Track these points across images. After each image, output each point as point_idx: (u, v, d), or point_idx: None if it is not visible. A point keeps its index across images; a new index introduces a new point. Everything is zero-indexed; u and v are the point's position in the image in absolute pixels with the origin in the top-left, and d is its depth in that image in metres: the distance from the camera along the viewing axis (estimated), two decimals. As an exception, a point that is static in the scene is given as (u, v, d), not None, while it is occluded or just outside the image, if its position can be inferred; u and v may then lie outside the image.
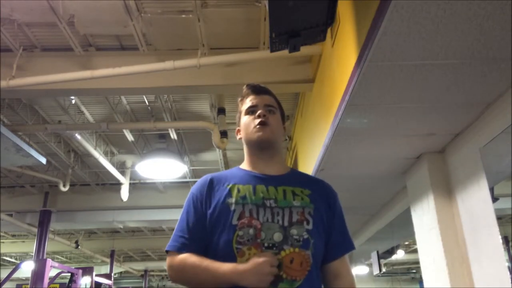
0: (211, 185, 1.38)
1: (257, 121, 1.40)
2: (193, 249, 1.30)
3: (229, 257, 1.24)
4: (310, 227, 1.29)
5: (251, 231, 1.25)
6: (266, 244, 1.23)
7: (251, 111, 1.44)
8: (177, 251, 1.31)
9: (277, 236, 1.25)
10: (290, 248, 1.24)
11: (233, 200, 1.31)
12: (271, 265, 1.18)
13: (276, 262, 1.19)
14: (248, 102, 1.46)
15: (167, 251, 1.35)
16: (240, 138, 1.49)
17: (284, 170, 1.45)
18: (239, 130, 1.51)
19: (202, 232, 1.32)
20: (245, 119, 1.45)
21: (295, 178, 1.44)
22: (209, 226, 1.31)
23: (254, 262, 1.18)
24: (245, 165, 1.47)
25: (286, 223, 1.27)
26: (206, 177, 1.42)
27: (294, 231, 1.26)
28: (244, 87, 1.51)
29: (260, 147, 1.42)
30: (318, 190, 1.41)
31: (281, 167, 1.45)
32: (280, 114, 1.49)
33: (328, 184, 1.49)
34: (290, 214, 1.29)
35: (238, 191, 1.33)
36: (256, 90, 1.48)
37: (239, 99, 1.52)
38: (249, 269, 1.17)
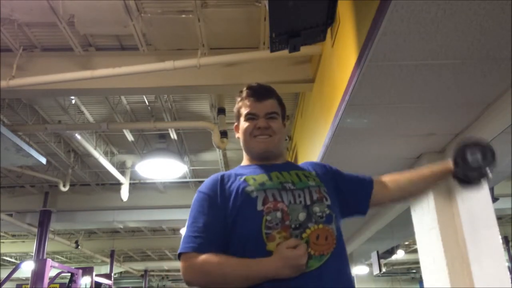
0: (222, 182, 1.35)
1: (258, 132, 1.40)
2: (212, 248, 1.25)
3: (258, 244, 1.21)
4: (329, 202, 1.32)
5: (278, 214, 1.24)
6: (293, 226, 1.23)
7: (250, 118, 1.42)
8: (196, 251, 1.24)
9: (302, 216, 1.25)
10: (314, 225, 1.24)
11: (252, 188, 1.30)
12: (305, 255, 1.17)
13: (305, 250, 1.19)
14: (248, 107, 1.43)
15: (179, 254, 1.27)
16: (239, 137, 1.49)
17: (282, 160, 1.49)
18: (237, 127, 1.49)
19: (219, 231, 1.28)
20: (244, 126, 1.43)
21: (296, 165, 1.51)
22: (231, 219, 1.27)
23: (288, 256, 1.16)
24: (247, 163, 1.47)
25: (308, 202, 1.28)
26: (216, 175, 1.40)
27: (316, 208, 1.28)
28: (245, 89, 1.47)
29: (261, 158, 1.43)
30: (317, 170, 1.46)
31: (283, 160, 1.49)
32: (281, 115, 1.47)
33: (319, 162, 1.55)
34: (310, 193, 1.31)
35: (254, 180, 1.33)
36: (257, 96, 1.44)
37: (239, 98, 1.48)
38: (283, 264, 1.16)
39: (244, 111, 1.44)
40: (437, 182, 1.52)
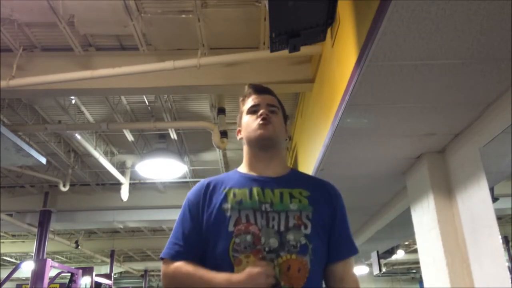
0: (207, 190, 1.34)
1: (259, 119, 1.38)
2: (188, 257, 1.27)
3: (226, 266, 1.20)
4: (308, 231, 1.24)
5: (248, 237, 1.21)
6: (267, 249, 1.20)
7: (253, 110, 1.41)
8: (172, 259, 1.28)
9: (273, 242, 1.20)
10: (287, 254, 1.20)
11: (228, 205, 1.27)
12: (267, 276, 1.13)
13: (272, 272, 1.15)
14: (250, 101, 1.44)
15: (161, 258, 1.31)
16: (241, 138, 1.46)
17: (283, 171, 1.40)
18: (239, 131, 1.48)
19: (197, 240, 1.28)
20: (246, 119, 1.42)
21: (295, 179, 1.39)
22: (205, 233, 1.27)
23: (249, 273, 1.13)
24: (243, 167, 1.43)
25: (282, 228, 1.23)
26: (203, 182, 1.39)
27: (291, 236, 1.22)
28: (246, 86, 1.50)
29: (261, 145, 1.38)
30: (319, 190, 1.37)
31: (281, 168, 1.41)
32: (282, 114, 1.46)
33: (332, 185, 1.44)
34: (287, 218, 1.24)
35: (234, 195, 1.29)
36: (258, 89, 1.47)
37: (241, 99, 1.49)
38: (244, 281, 1.13)
39: (246, 106, 1.45)
40: None
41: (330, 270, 1.33)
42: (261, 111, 1.39)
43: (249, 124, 1.41)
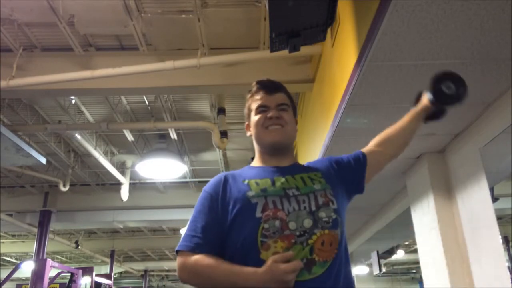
0: (226, 183, 1.34)
1: (269, 122, 1.38)
2: (208, 249, 1.25)
3: (252, 251, 1.20)
4: (335, 206, 1.29)
5: (277, 223, 1.21)
6: (298, 233, 1.21)
7: (262, 110, 1.41)
8: (191, 251, 1.25)
9: (307, 222, 1.23)
10: (320, 230, 1.23)
11: (253, 193, 1.28)
12: (293, 271, 1.14)
13: (298, 265, 1.15)
14: (258, 100, 1.43)
15: (177, 252, 1.29)
16: (250, 135, 1.47)
17: (291, 161, 1.45)
18: (248, 126, 1.48)
19: (217, 233, 1.27)
20: (256, 118, 1.41)
21: (303, 166, 1.46)
22: (229, 223, 1.26)
23: (274, 271, 1.13)
24: (256, 163, 1.45)
25: (313, 208, 1.26)
26: (221, 175, 1.38)
27: (322, 214, 1.25)
28: (254, 84, 1.47)
29: (274, 150, 1.41)
30: (323, 169, 1.44)
31: (291, 159, 1.46)
32: (292, 109, 1.47)
33: (321, 159, 1.54)
34: (315, 198, 1.28)
35: (257, 184, 1.31)
36: (268, 89, 1.44)
37: (249, 95, 1.47)
38: (270, 278, 1.13)
39: (254, 105, 1.43)
40: (420, 121, 1.60)
41: (371, 163, 1.49)
42: (270, 114, 1.38)
43: (259, 125, 1.41)
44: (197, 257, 1.24)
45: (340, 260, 1.26)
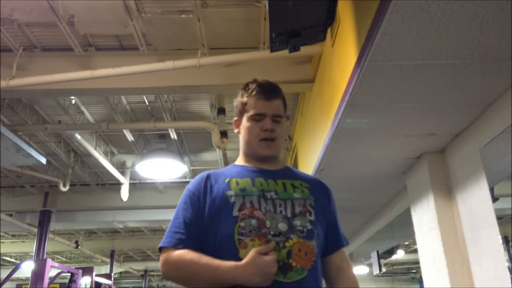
0: (208, 181, 1.35)
1: (263, 135, 1.36)
2: (190, 244, 1.26)
3: (231, 249, 1.21)
4: (312, 218, 1.29)
5: (253, 221, 1.22)
6: (272, 232, 1.22)
7: (257, 119, 1.38)
8: (174, 246, 1.27)
9: (282, 226, 1.23)
10: (296, 237, 1.23)
11: (232, 192, 1.29)
12: (274, 263, 1.15)
13: (276, 258, 1.16)
14: (255, 106, 1.39)
15: (160, 248, 1.31)
16: (238, 132, 1.47)
17: (280, 166, 1.44)
18: (237, 122, 1.47)
19: (199, 229, 1.28)
20: (249, 124, 1.39)
21: (292, 172, 1.45)
22: (207, 220, 1.28)
23: (259, 263, 1.14)
24: (240, 161, 1.46)
25: (289, 214, 1.26)
26: (203, 174, 1.40)
27: (297, 222, 1.26)
28: (254, 86, 1.42)
29: (262, 160, 1.41)
30: (316, 184, 1.43)
31: (278, 164, 1.45)
32: (284, 109, 1.45)
33: (322, 182, 1.49)
34: (293, 205, 1.28)
35: (237, 183, 1.32)
36: (267, 94, 1.40)
37: (246, 94, 1.43)
38: (252, 271, 1.14)
39: (250, 109, 1.40)
40: None
41: (328, 260, 1.37)
42: (266, 126, 1.36)
43: (251, 132, 1.39)
44: (179, 252, 1.25)
45: (316, 275, 1.25)
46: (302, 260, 1.21)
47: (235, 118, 1.49)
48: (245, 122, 1.42)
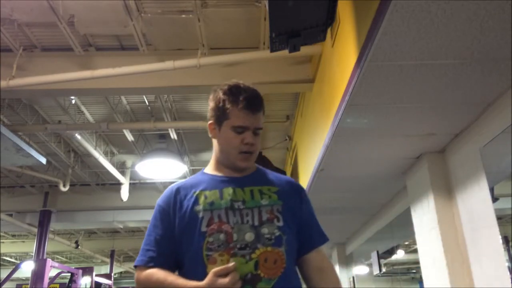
0: (177, 195, 1.35)
1: (244, 148, 1.34)
2: (162, 262, 1.29)
3: (199, 266, 1.23)
4: (281, 224, 1.29)
5: (221, 236, 1.23)
6: (239, 246, 1.22)
7: (239, 131, 1.35)
8: (145, 265, 1.30)
9: (249, 236, 1.24)
10: (263, 247, 1.23)
11: (200, 207, 1.29)
12: (234, 285, 1.15)
13: (237, 282, 1.16)
14: (239, 116, 1.35)
15: (135, 267, 1.33)
16: (214, 137, 1.43)
17: (251, 170, 1.42)
18: (213, 126, 1.44)
19: (170, 245, 1.30)
20: (230, 135, 1.36)
21: (263, 177, 1.43)
22: (178, 236, 1.29)
23: (213, 285, 1.14)
24: (210, 169, 1.44)
25: (256, 223, 1.26)
26: (172, 187, 1.40)
27: (265, 230, 1.26)
28: (242, 96, 1.37)
29: (238, 170, 1.39)
30: (286, 186, 1.41)
31: (248, 170, 1.42)
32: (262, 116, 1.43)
33: (294, 180, 1.49)
34: (259, 213, 1.28)
35: (205, 197, 1.32)
36: (252, 108, 1.36)
37: (229, 100, 1.40)
38: None
39: (234, 119, 1.36)
40: None
41: (306, 260, 1.37)
42: (246, 140, 1.34)
43: (232, 144, 1.36)
44: (148, 272, 1.29)
45: (288, 280, 1.25)
46: (269, 270, 1.22)
47: (211, 121, 1.45)
48: (225, 131, 1.38)
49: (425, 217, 3.23)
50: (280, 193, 1.36)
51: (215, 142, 1.44)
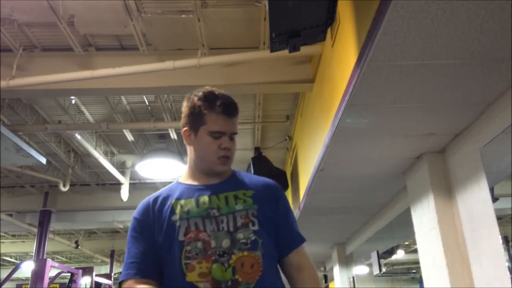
0: (154, 206, 1.37)
1: (221, 153, 1.36)
2: (147, 273, 1.30)
3: (179, 274, 1.24)
4: (256, 227, 1.30)
5: (199, 244, 1.25)
6: (217, 253, 1.24)
7: (216, 136, 1.36)
8: (132, 277, 1.30)
9: (225, 243, 1.26)
10: (239, 252, 1.25)
11: (177, 216, 1.31)
12: None
13: None
14: (216, 122, 1.36)
15: (120, 283, 1.33)
16: (190, 144, 1.42)
17: (227, 175, 1.43)
18: (188, 132, 1.41)
19: (153, 255, 1.31)
20: (207, 140, 1.36)
21: (238, 181, 1.43)
22: (159, 247, 1.31)
23: None
24: (185, 178, 1.45)
25: (232, 229, 1.28)
26: (148, 199, 1.42)
27: (240, 235, 1.27)
28: (219, 101, 1.37)
29: (215, 175, 1.41)
30: (262, 189, 1.41)
31: (225, 175, 1.43)
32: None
33: (272, 181, 1.48)
34: (234, 219, 1.30)
35: (181, 206, 1.33)
36: (229, 113, 1.37)
37: (205, 105, 1.39)
38: None
39: (211, 124, 1.36)
40: None
41: (286, 261, 1.39)
42: (224, 145, 1.35)
43: (209, 149, 1.36)
44: (129, 283, 1.29)
45: (268, 281, 1.26)
46: (247, 274, 1.23)
47: (185, 128, 1.43)
48: (202, 136, 1.37)
49: (425, 217, 3.23)
50: (255, 196, 1.37)
51: (190, 149, 1.44)
